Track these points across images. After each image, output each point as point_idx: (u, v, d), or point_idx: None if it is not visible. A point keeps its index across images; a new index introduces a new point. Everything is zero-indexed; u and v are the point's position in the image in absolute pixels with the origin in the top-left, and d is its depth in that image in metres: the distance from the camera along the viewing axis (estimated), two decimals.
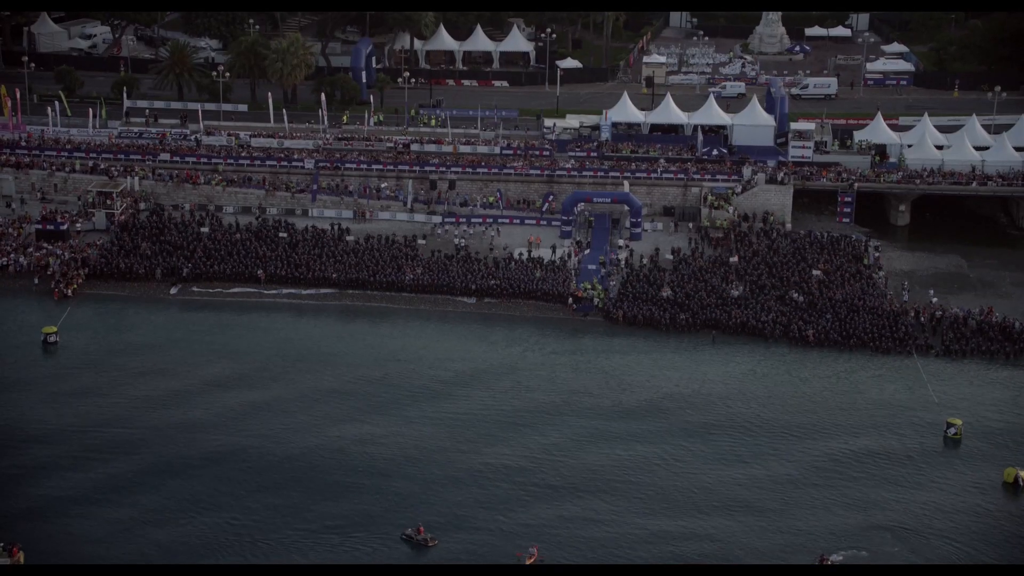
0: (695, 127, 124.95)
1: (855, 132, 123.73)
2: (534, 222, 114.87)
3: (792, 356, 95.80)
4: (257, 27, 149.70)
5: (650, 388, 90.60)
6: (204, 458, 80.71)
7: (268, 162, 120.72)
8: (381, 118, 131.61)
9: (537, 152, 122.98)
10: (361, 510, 75.63)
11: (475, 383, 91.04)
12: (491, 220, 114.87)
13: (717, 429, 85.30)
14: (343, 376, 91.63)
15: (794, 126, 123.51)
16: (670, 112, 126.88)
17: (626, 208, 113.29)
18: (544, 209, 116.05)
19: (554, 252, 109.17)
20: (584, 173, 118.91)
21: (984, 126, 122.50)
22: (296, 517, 74.85)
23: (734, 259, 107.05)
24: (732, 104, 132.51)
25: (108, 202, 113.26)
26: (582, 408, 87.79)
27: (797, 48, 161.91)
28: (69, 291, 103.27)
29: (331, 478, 78.70)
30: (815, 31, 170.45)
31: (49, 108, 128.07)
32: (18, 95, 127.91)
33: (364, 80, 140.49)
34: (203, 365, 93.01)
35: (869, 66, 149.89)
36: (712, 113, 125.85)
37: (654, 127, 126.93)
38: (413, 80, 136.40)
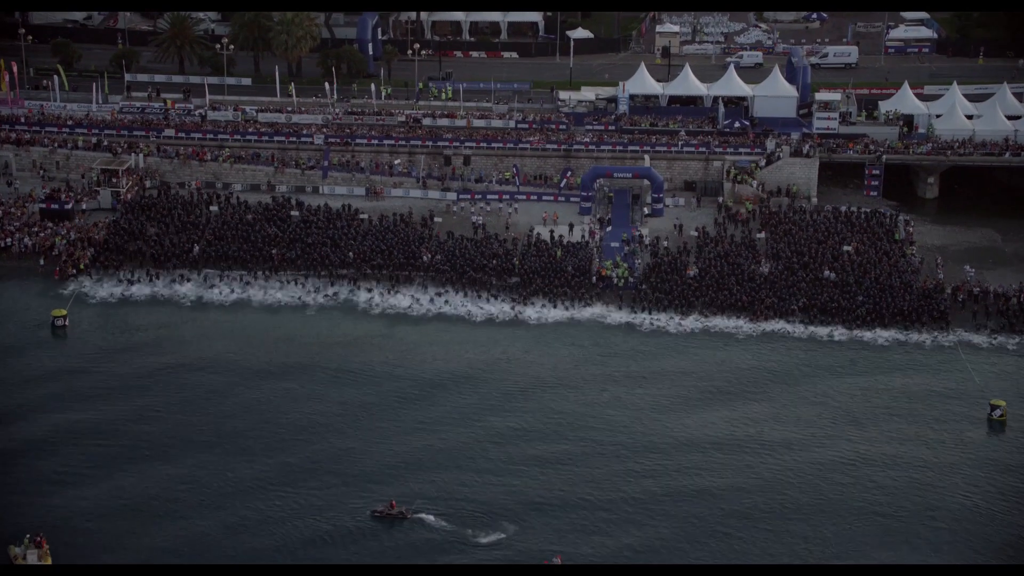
0: (715, 99, 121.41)
1: (880, 102, 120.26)
2: (552, 198, 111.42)
3: (826, 337, 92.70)
4: None
5: (674, 368, 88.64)
6: (215, 438, 79.66)
7: (276, 138, 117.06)
8: (390, 91, 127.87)
9: (553, 126, 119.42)
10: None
11: (499, 366, 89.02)
12: (507, 196, 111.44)
13: (748, 405, 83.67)
14: (356, 361, 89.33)
15: (818, 96, 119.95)
16: (688, 83, 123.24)
17: (647, 183, 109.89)
18: (562, 185, 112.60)
19: (571, 231, 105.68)
20: (602, 147, 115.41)
21: (1015, 94, 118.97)
22: (308, 495, 74.01)
23: (761, 235, 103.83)
24: (751, 74, 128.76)
25: (113, 180, 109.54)
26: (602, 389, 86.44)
27: (814, 15, 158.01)
28: (76, 272, 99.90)
29: (356, 465, 77.35)
30: None
31: (48, 83, 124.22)
32: (15, 69, 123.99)
33: (371, 52, 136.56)
34: (214, 347, 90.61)
35: (890, 33, 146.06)
36: (732, 84, 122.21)
37: (672, 99, 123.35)
38: (423, 52, 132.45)
